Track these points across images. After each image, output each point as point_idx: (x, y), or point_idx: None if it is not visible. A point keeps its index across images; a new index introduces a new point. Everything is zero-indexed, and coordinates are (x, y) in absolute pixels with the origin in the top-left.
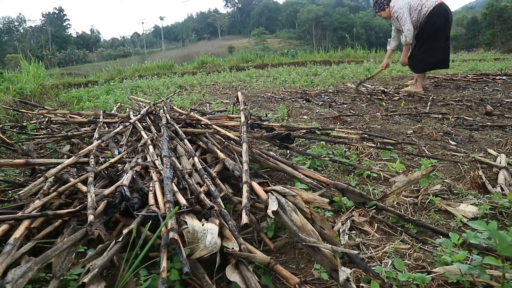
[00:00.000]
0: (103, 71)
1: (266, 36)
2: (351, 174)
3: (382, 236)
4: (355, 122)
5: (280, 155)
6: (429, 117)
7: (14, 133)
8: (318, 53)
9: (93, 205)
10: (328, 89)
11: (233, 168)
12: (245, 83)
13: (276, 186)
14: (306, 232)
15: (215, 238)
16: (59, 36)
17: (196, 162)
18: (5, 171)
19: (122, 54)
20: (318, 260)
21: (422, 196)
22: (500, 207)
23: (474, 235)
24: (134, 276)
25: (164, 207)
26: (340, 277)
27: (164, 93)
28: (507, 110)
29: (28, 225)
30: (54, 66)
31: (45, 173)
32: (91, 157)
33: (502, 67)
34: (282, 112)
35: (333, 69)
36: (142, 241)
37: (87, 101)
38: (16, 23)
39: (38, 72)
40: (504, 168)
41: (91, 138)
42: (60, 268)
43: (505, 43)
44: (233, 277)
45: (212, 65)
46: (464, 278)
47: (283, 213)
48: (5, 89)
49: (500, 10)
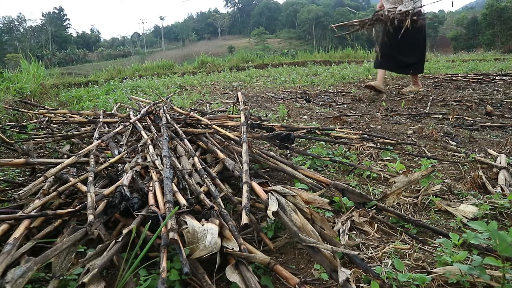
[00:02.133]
0: (103, 70)
1: (266, 36)
2: (351, 174)
3: (382, 236)
4: (355, 122)
5: (280, 155)
6: (429, 117)
7: (14, 132)
8: (318, 53)
9: (93, 205)
10: (328, 89)
11: (233, 168)
12: (245, 83)
13: (276, 186)
14: (306, 232)
15: (215, 238)
16: (59, 35)
17: (196, 162)
18: (5, 170)
19: (122, 54)
20: (318, 260)
21: (422, 197)
22: (500, 207)
23: (474, 236)
24: (134, 276)
25: (164, 207)
26: (339, 278)
27: (164, 93)
28: (507, 111)
29: (28, 225)
30: (54, 65)
31: (45, 173)
32: (91, 157)
33: (502, 67)
34: (282, 112)
35: (333, 69)
36: (141, 241)
37: (87, 101)
38: (16, 23)
39: (38, 71)
40: (504, 169)
41: (91, 138)
42: (59, 268)
43: (505, 43)
44: (233, 277)
45: (212, 65)
46: (464, 279)
47: (283, 214)
48: (5, 88)
49: (500, 10)
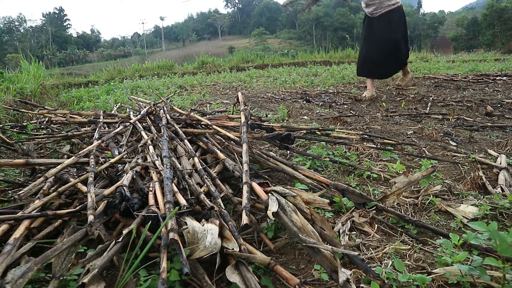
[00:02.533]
0: (103, 71)
1: (266, 36)
2: (351, 175)
3: (382, 236)
4: (355, 122)
5: (280, 156)
6: (429, 118)
7: (14, 133)
8: (318, 54)
9: (93, 205)
10: (328, 89)
11: (233, 169)
12: (246, 83)
13: (276, 187)
14: (306, 232)
15: (215, 238)
16: (60, 36)
17: (196, 163)
18: (5, 171)
19: (122, 54)
20: (318, 261)
21: (422, 197)
22: (501, 208)
23: (474, 236)
24: (134, 276)
25: (164, 208)
26: (340, 278)
27: (164, 93)
28: (507, 111)
29: (28, 225)
30: (54, 66)
31: (45, 173)
32: (91, 157)
33: (502, 67)
34: (282, 112)
35: (333, 70)
36: (141, 242)
37: (87, 101)
38: (16, 23)
39: (38, 72)
40: (504, 169)
41: (91, 138)
42: (60, 268)
43: (506, 43)
44: (233, 277)
45: (213, 65)
46: (465, 279)
47: (283, 214)
48: (5, 88)
49: (501, 11)
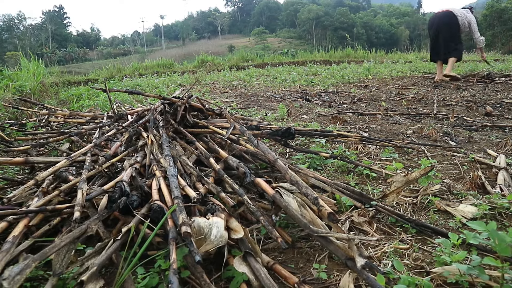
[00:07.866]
0: (103, 69)
1: (266, 35)
2: (351, 174)
3: (381, 236)
4: (354, 122)
5: (280, 155)
6: (429, 117)
7: (13, 130)
8: (318, 53)
9: (82, 202)
10: (328, 88)
11: (237, 165)
12: (245, 82)
13: (283, 183)
14: (316, 225)
15: (221, 231)
16: (59, 34)
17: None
18: (4, 168)
19: (122, 53)
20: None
21: (421, 196)
22: (499, 207)
23: (473, 236)
24: (133, 274)
25: (172, 202)
26: (358, 263)
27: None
28: (506, 111)
29: (27, 223)
30: (54, 64)
31: (36, 176)
32: (88, 155)
33: (502, 68)
34: (281, 111)
35: (333, 69)
36: (140, 239)
37: (86, 99)
38: (16, 21)
39: (38, 70)
40: (503, 169)
41: (91, 136)
42: (60, 265)
43: (505, 44)
44: (241, 268)
45: (212, 64)
46: (463, 279)
47: (291, 207)
48: (5, 86)
49: (501, 11)
